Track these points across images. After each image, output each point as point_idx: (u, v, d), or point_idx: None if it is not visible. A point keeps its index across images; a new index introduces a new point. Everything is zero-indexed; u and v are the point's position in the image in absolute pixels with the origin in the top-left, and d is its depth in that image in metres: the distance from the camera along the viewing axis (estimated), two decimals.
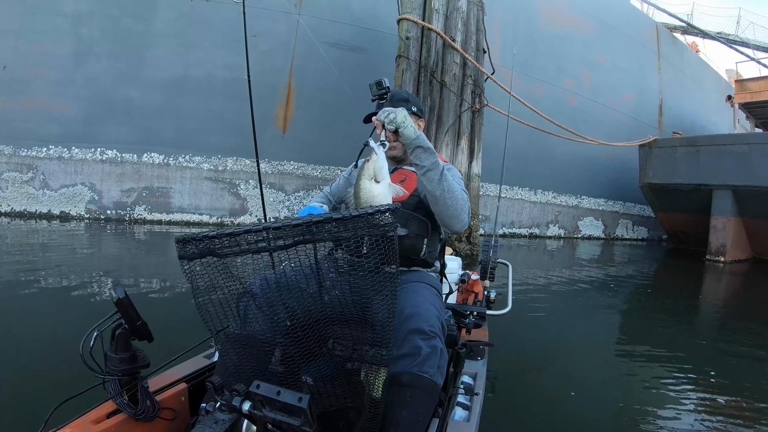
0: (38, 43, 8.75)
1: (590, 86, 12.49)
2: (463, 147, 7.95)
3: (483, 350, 1.96)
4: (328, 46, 9.47)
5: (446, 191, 1.59)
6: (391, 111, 1.54)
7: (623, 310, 5.51)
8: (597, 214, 13.53)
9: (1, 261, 5.48)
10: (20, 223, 8.32)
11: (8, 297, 4.01)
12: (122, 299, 1.25)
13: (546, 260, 9.40)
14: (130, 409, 1.33)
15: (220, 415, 1.19)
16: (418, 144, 1.55)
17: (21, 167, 8.82)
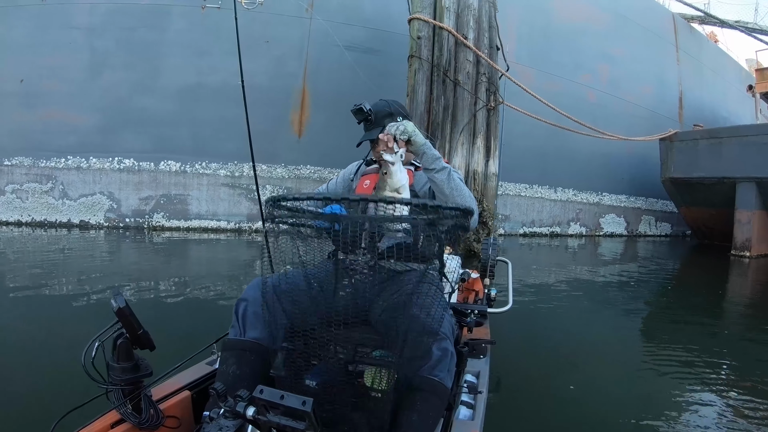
0: (53, 56, 8.86)
1: (608, 80, 12.21)
2: (479, 146, 7.80)
3: (485, 348, 1.94)
4: (341, 49, 9.41)
5: (454, 189, 1.72)
6: (399, 123, 1.65)
7: (641, 308, 5.29)
8: (619, 211, 13.20)
9: (20, 270, 5.49)
10: (41, 233, 8.41)
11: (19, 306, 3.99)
12: (123, 308, 1.25)
13: (567, 259, 9.19)
14: (133, 418, 1.32)
15: (224, 422, 1.17)
16: (427, 149, 1.71)
17: (40, 178, 8.92)
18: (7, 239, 7.77)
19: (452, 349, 1.46)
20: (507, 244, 10.26)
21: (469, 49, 7.54)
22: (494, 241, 3.10)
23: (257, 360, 1.49)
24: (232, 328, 1.54)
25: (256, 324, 1.52)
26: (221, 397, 1.14)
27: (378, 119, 1.92)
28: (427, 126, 7.52)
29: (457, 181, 1.76)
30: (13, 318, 3.69)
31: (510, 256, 8.44)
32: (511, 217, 11.45)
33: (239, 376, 1.44)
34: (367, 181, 1.95)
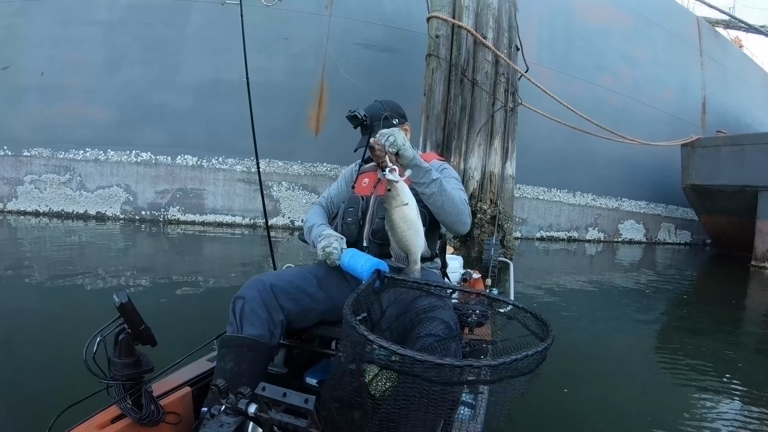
0: (73, 51, 8.99)
1: (630, 83, 11.99)
2: (496, 147, 7.67)
3: (486, 349, 1.89)
4: (359, 47, 9.40)
5: (446, 201, 1.65)
6: (390, 134, 1.54)
7: (654, 317, 5.09)
8: (638, 217, 12.94)
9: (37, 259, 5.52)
10: (58, 223, 8.51)
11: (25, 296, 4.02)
12: (125, 304, 1.25)
13: (583, 265, 9.03)
14: (134, 413, 1.32)
15: (225, 418, 1.15)
16: (416, 163, 1.59)
17: (59, 169, 9.05)
18: (25, 228, 7.89)
19: (459, 351, 1.46)
20: (523, 248, 10.12)
21: (488, 48, 7.42)
22: (496, 242, 3.16)
23: (255, 356, 1.49)
24: (229, 326, 1.55)
25: (254, 321, 1.51)
26: (222, 394, 1.12)
27: (374, 124, 1.85)
28: (444, 126, 7.43)
29: (449, 191, 1.68)
30: (18, 309, 3.69)
31: (526, 261, 8.32)
32: (528, 220, 11.29)
33: (236, 372, 1.44)
34: (365, 180, 1.93)
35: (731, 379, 3.10)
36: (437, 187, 1.63)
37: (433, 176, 1.63)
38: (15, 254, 5.77)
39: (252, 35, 9.28)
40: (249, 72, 8.55)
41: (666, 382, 3.06)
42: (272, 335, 1.53)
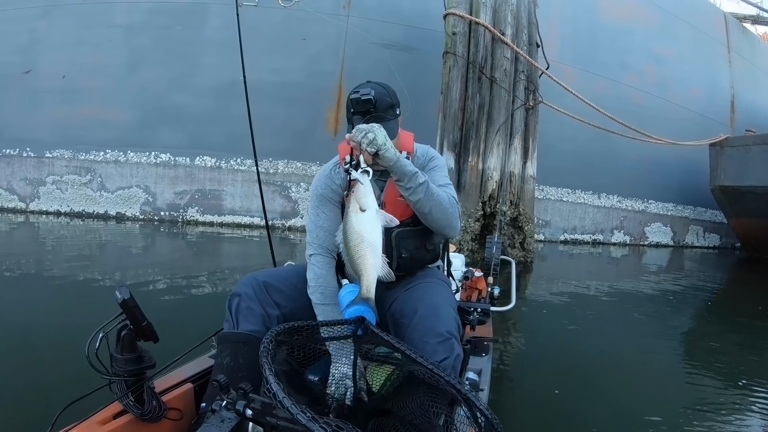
0: (94, 54, 9.16)
1: (655, 81, 11.63)
2: (516, 147, 7.53)
3: (487, 346, 1.94)
4: (377, 47, 9.34)
5: (434, 206, 1.53)
6: (369, 130, 1.37)
7: (676, 326, 4.86)
8: (665, 220, 12.52)
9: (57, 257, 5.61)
10: (78, 223, 8.68)
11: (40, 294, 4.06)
12: (127, 300, 1.27)
13: (608, 269, 8.81)
14: (136, 409, 1.33)
15: (226, 414, 1.17)
16: (400, 167, 1.45)
17: (79, 170, 9.22)
18: (47, 228, 8.07)
19: (459, 349, 1.45)
20: (546, 250, 9.93)
21: (507, 45, 7.30)
22: (498, 240, 3.16)
23: (251, 351, 1.48)
24: (225, 323, 1.58)
25: (250, 317, 1.54)
26: (224, 389, 1.13)
27: (381, 111, 1.61)
28: (462, 125, 7.31)
29: (437, 195, 1.52)
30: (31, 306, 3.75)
31: (548, 264, 8.14)
32: (551, 222, 11.04)
33: (234, 367, 1.46)
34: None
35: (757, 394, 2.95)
36: (424, 192, 1.49)
37: (420, 180, 1.48)
38: (36, 253, 5.89)
39: (270, 36, 9.35)
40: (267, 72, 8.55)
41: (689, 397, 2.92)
42: (268, 330, 1.48)
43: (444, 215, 1.56)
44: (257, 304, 1.56)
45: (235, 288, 1.62)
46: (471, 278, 2.82)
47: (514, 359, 3.20)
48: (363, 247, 1.34)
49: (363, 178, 1.38)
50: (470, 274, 2.80)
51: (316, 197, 1.73)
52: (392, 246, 1.64)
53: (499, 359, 3.14)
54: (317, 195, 1.72)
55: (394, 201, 1.63)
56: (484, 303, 2.33)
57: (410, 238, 1.66)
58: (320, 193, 1.72)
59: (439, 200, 1.53)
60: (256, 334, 1.51)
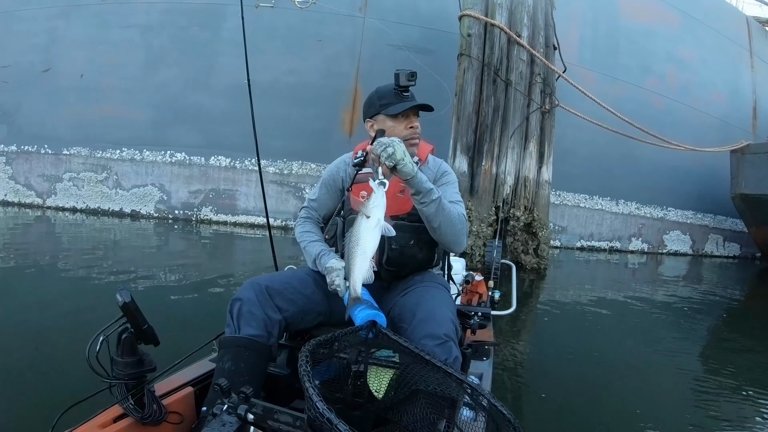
0: (112, 53, 9.32)
1: (677, 86, 11.44)
2: (531, 151, 7.41)
3: (488, 350, 1.95)
4: (394, 49, 9.33)
5: (443, 221, 1.58)
6: (389, 144, 1.43)
7: (686, 337, 4.70)
8: (685, 228, 12.28)
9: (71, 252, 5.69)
10: (94, 220, 8.82)
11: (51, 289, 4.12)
12: (128, 303, 1.27)
13: (624, 277, 8.63)
14: (136, 413, 1.33)
15: (227, 418, 1.16)
16: (417, 182, 1.51)
17: (96, 168, 9.39)
18: (62, 224, 8.21)
19: (457, 352, 1.46)
20: (563, 257, 9.81)
21: (523, 47, 7.21)
22: (498, 244, 3.17)
23: (253, 356, 1.51)
24: (227, 327, 1.58)
25: (250, 321, 1.55)
26: (225, 393, 1.14)
27: (413, 92, 1.75)
28: (476, 128, 7.22)
29: (448, 210, 1.59)
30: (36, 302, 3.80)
31: (564, 272, 7.99)
32: (568, 229, 10.89)
33: (235, 372, 1.46)
34: (363, 192, 1.78)
35: None
36: (436, 207, 1.56)
37: (434, 196, 1.54)
38: (50, 249, 6.00)
39: (286, 37, 9.38)
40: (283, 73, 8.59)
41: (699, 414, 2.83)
42: (270, 335, 1.56)
43: (452, 231, 1.62)
44: (259, 308, 1.57)
45: (236, 293, 1.62)
46: (471, 282, 2.83)
47: (519, 364, 3.16)
48: (356, 251, 1.41)
49: (378, 189, 1.42)
50: (471, 277, 2.82)
51: (322, 180, 1.95)
52: (384, 237, 1.67)
53: (503, 364, 3.11)
54: (323, 179, 1.94)
55: (394, 196, 1.68)
56: (485, 307, 2.34)
57: (403, 232, 1.67)
58: (325, 178, 1.93)
59: (449, 216, 1.59)
60: (257, 338, 1.53)
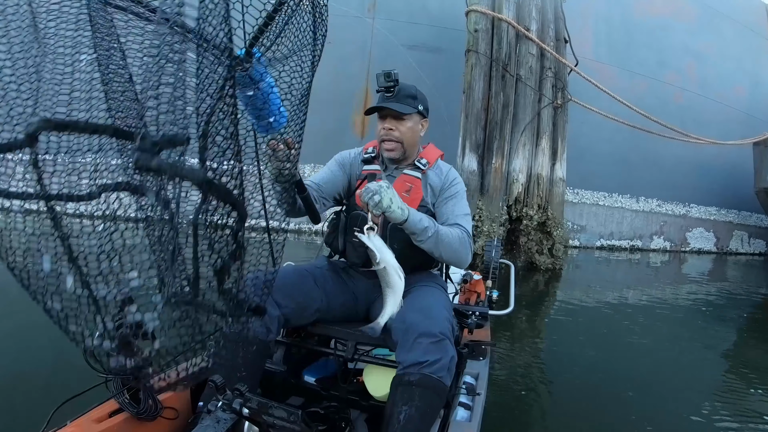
0: None
1: (696, 79, 11.23)
2: (543, 147, 7.25)
3: (485, 350, 1.95)
4: (405, 49, 9.34)
5: (443, 250, 1.61)
6: (376, 192, 1.45)
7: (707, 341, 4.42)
8: (708, 225, 12.06)
9: None
10: None
11: None
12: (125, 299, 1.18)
13: (645, 276, 8.40)
14: (132, 408, 1.34)
15: (222, 414, 1.16)
16: (409, 226, 1.54)
17: None
18: None
19: (453, 351, 1.46)
20: (582, 257, 9.62)
21: (532, 41, 7.06)
22: (497, 244, 3.15)
23: (251, 352, 1.52)
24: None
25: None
26: (220, 390, 1.14)
27: (400, 94, 1.74)
28: (485, 125, 7.08)
29: (447, 240, 1.61)
30: None
31: (583, 272, 7.85)
32: (587, 228, 10.74)
33: (233, 367, 1.46)
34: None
35: None
36: (434, 242, 1.59)
37: (429, 233, 1.57)
38: None
39: None
40: None
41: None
42: (269, 330, 1.54)
43: (453, 255, 1.65)
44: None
45: None
46: (470, 281, 2.82)
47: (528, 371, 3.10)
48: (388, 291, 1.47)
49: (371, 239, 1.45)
50: (469, 277, 2.81)
51: (334, 159, 1.93)
52: (386, 236, 1.70)
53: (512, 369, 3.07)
54: (336, 158, 1.92)
55: (399, 195, 1.69)
56: (483, 306, 2.33)
57: (404, 233, 1.67)
58: (338, 158, 1.92)
59: (448, 244, 1.61)
60: (256, 334, 1.53)
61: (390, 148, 1.76)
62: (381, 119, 1.76)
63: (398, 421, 1.32)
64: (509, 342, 3.69)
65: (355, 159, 1.90)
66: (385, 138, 1.75)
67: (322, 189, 1.83)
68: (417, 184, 1.78)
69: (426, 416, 1.36)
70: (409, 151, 1.80)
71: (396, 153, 1.77)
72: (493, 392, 2.54)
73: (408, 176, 1.80)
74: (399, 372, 1.41)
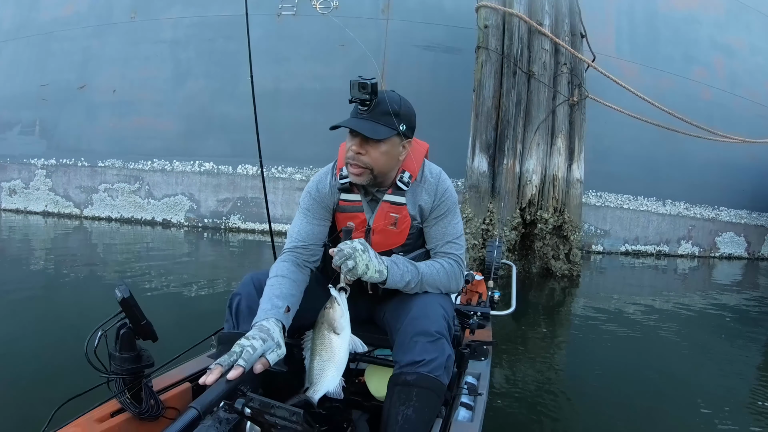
0: (143, 68, 9.89)
1: (726, 75, 10.79)
2: (559, 147, 6.98)
3: (486, 350, 1.97)
4: (419, 50, 9.33)
5: (431, 289, 1.57)
6: (349, 256, 1.35)
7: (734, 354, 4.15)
8: (739, 229, 11.51)
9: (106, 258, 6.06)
10: (128, 228, 9.35)
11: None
12: (127, 299, 1.30)
13: (671, 284, 8.12)
14: (133, 407, 1.37)
15: (224, 414, 1.22)
16: (389, 285, 1.48)
17: (129, 179, 9.93)
18: (99, 232, 8.76)
19: (450, 349, 1.44)
20: (606, 263, 9.33)
21: (545, 36, 6.82)
22: (499, 244, 3.16)
23: None
24: (226, 323, 1.57)
25: (250, 317, 1.48)
26: None
27: (377, 110, 1.47)
28: (496, 124, 6.89)
29: (431, 283, 1.55)
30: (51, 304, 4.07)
31: (603, 278, 7.37)
32: (611, 232, 10.44)
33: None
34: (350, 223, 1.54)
35: None
36: (419, 288, 1.55)
37: (412, 284, 1.51)
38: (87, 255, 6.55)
39: (310, 44, 9.67)
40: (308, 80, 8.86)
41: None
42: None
43: (441, 290, 1.61)
44: (257, 303, 1.49)
45: (236, 287, 1.59)
46: (471, 282, 2.80)
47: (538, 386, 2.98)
48: (329, 366, 1.35)
49: (340, 298, 1.38)
50: (470, 277, 2.77)
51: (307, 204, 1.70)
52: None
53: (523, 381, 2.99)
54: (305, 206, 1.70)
55: (385, 230, 1.62)
56: (484, 307, 2.34)
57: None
58: (311, 194, 1.69)
59: (434, 284, 1.57)
60: None
61: (356, 173, 1.52)
62: (351, 136, 1.51)
63: (396, 422, 1.32)
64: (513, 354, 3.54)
65: (331, 187, 1.66)
66: (350, 162, 1.51)
67: (308, 247, 1.65)
68: (404, 213, 1.61)
69: (424, 416, 1.35)
70: (381, 177, 1.57)
71: (362, 179, 1.53)
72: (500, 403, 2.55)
73: (391, 206, 1.61)
74: (396, 372, 1.39)
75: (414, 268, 1.52)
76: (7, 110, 10.91)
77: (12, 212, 10.77)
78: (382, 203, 1.62)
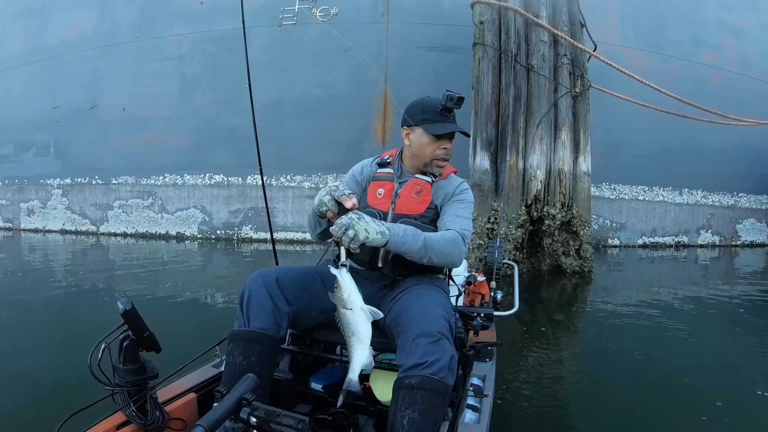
0: (150, 85, 10.16)
1: (736, 57, 10.58)
2: (564, 140, 6.85)
3: (491, 351, 1.98)
4: (421, 50, 9.36)
5: (433, 257, 1.64)
6: (348, 226, 1.42)
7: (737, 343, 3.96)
8: (760, 215, 11.26)
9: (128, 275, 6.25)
10: (143, 243, 9.60)
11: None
12: (129, 311, 1.31)
13: (692, 275, 7.84)
14: (139, 419, 1.37)
15: (230, 424, 1.24)
16: (392, 247, 1.56)
17: (142, 194, 10.22)
18: (116, 248, 9.00)
19: (452, 349, 1.46)
20: (623, 257, 9.13)
21: (543, 28, 6.72)
22: (500, 244, 3.14)
23: (263, 350, 1.54)
24: (236, 320, 1.60)
25: (260, 313, 1.57)
26: None
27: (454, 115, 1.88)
28: (497, 121, 6.83)
29: (435, 248, 1.63)
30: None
31: (621, 273, 7.21)
32: (627, 225, 10.29)
33: (245, 367, 1.49)
34: (380, 190, 1.90)
35: None
36: (423, 253, 1.62)
37: (416, 247, 1.59)
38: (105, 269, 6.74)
39: (312, 52, 9.85)
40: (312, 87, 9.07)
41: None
42: (279, 327, 1.59)
43: (443, 259, 1.68)
44: (268, 299, 1.58)
45: (245, 284, 1.62)
46: (473, 283, 2.79)
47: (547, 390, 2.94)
48: (353, 340, 1.43)
49: (341, 274, 1.43)
50: (473, 278, 2.77)
51: (349, 173, 2.07)
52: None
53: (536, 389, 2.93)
54: (350, 172, 2.08)
55: (409, 196, 1.86)
56: (487, 308, 2.36)
57: None
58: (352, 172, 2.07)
59: (438, 250, 1.64)
60: (267, 331, 1.55)
61: (443, 166, 1.90)
62: (439, 139, 1.85)
63: (402, 426, 1.33)
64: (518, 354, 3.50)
65: (370, 165, 2.03)
66: (445, 157, 1.88)
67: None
68: (427, 188, 1.88)
69: (430, 419, 1.36)
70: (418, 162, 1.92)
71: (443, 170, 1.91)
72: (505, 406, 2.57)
73: (419, 180, 1.89)
74: (400, 375, 1.41)
75: (416, 230, 1.62)
76: (23, 133, 11.32)
77: (31, 232, 11.17)
78: (413, 178, 1.90)
